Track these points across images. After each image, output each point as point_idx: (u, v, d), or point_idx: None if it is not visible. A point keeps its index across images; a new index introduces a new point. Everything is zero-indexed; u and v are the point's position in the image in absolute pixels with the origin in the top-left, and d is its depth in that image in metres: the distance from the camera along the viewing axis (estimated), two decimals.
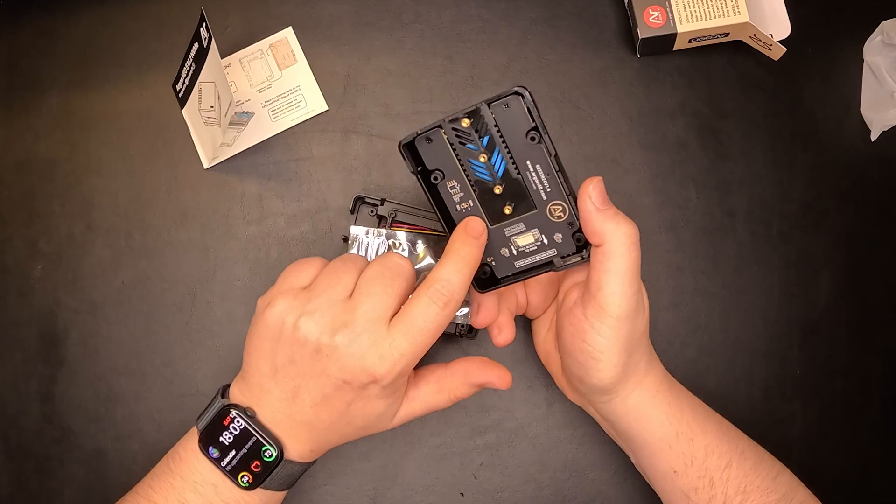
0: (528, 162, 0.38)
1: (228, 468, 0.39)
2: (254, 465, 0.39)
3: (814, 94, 0.53)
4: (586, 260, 0.40)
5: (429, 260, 0.48)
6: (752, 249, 0.52)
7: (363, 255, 0.47)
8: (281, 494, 0.42)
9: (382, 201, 0.48)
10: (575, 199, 0.39)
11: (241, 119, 0.52)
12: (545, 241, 0.40)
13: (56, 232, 0.52)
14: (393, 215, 0.48)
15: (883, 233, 0.52)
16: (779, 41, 0.50)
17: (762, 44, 0.51)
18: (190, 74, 0.48)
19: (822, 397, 0.51)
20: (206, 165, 0.52)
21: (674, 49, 0.53)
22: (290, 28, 0.54)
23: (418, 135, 0.40)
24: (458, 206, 0.41)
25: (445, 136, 0.39)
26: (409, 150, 0.40)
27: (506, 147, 0.38)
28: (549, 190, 0.39)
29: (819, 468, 0.50)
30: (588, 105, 0.53)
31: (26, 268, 0.52)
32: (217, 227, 0.52)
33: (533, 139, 0.38)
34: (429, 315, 0.37)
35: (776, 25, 0.53)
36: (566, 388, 0.46)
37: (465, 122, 0.39)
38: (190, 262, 0.51)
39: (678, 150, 0.53)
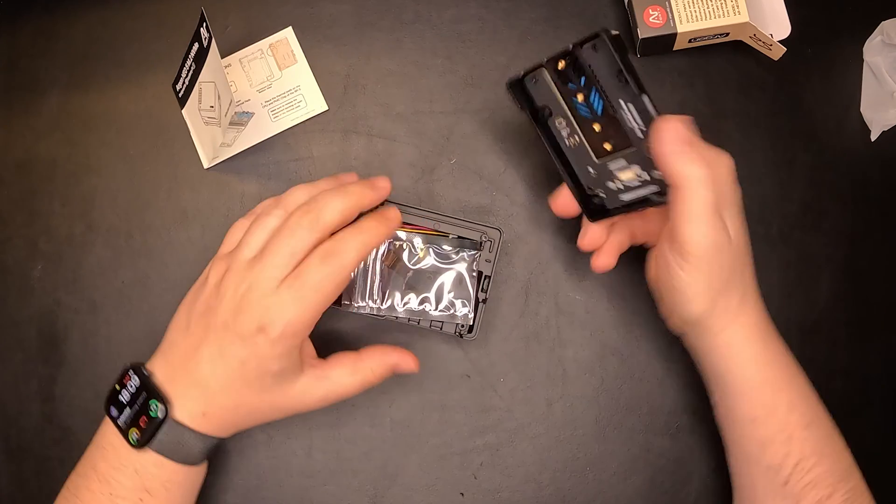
0: (620, 101, 0.40)
1: (121, 424, 0.41)
2: (142, 420, 0.40)
3: (814, 94, 0.53)
4: None
5: (429, 259, 0.48)
6: (752, 249, 0.52)
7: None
8: (189, 474, 0.41)
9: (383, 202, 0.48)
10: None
11: (241, 119, 0.52)
12: (646, 178, 0.41)
13: (56, 232, 0.52)
14: None
15: (883, 233, 0.52)
16: (779, 41, 0.50)
17: (762, 44, 0.51)
18: (190, 74, 0.48)
19: (822, 397, 0.51)
20: (206, 165, 0.52)
21: (674, 49, 0.53)
22: (290, 28, 0.54)
23: (525, 74, 0.42)
24: (567, 141, 0.43)
25: (548, 76, 0.42)
26: (517, 90, 0.43)
27: (600, 86, 0.40)
28: (643, 128, 0.40)
29: None
30: None
31: (26, 268, 0.52)
32: (217, 227, 0.52)
33: (620, 80, 0.39)
34: (316, 277, 0.39)
35: (776, 25, 0.53)
36: (666, 316, 0.46)
37: (562, 63, 0.41)
38: (190, 262, 0.51)
39: None
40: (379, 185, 0.43)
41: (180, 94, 0.50)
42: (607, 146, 0.42)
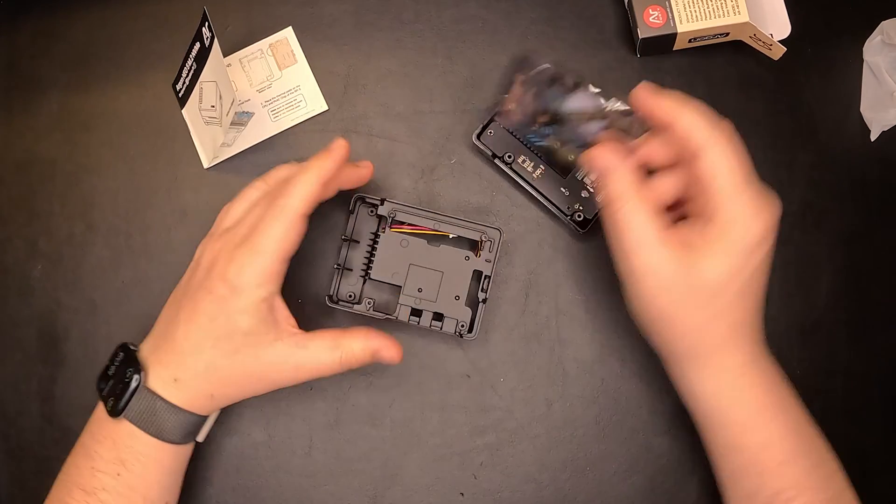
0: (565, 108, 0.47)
1: (103, 393, 0.42)
2: (119, 388, 0.41)
3: (814, 94, 0.53)
4: None
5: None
6: None
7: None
8: (165, 451, 0.42)
9: (382, 201, 0.48)
10: (604, 118, 0.45)
11: (241, 119, 0.52)
12: None
13: (56, 232, 0.52)
14: (393, 215, 0.48)
15: (883, 233, 0.52)
16: (779, 41, 0.50)
17: (762, 44, 0.51)
18: (191, 74, 0.48)
19: (823, 397, 0.51)
20: (206, 165, 0.52)
21: (674, 49, 0.53)
22: (290, 28, 0.54)
23: (481, 131, 0.50)
24: (534, 176, 0.50)
25: (501, 124, 0.50)
26: (483, 143, 0.50)
27: (546, 109, 0.47)
28: (592, 116, 0.46)
29: None
30: None
31: (26, 268, 0.52)
32: None
33: (560, 89, 0.46)
34: (266, 224, 0.40)
35: (776, 25, 0.53)
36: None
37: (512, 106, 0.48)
38: (190, 262, 0.51)
39: None
40: (332, 149, 0.43)
41: (180, 94, 0.50)
42: (570, 157, 0.49)
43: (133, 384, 0.41)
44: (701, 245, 0.39)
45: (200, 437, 0.45)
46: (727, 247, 0.39)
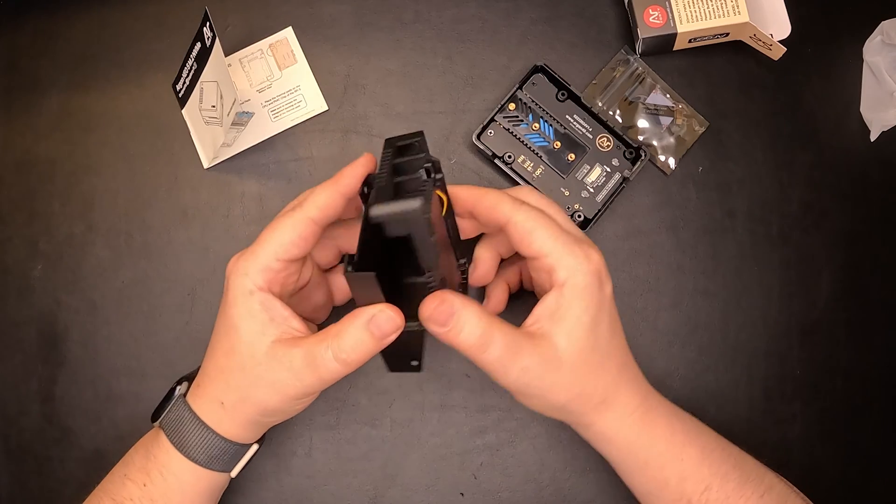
0: (566, 116, 0.51)
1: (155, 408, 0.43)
2: (167, 396, 0.43)
3: (814, 94, 0.53)
4: (644, 162, 0.50)
5: None
6: (752, 249, 0.52)
7: None
8: (188, 469, 0.41)
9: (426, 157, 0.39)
10: (610, 129, 0.51)
11: (241, 119, 0.52)
12: (608, 169, 0.50)
13: (56, 232, 0.52)
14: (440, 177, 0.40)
15: (883, 233, 0.52)
16: (779, 41, 0.50)
17: (762, 44, 0.51)
18: (191, 74, 0.48)
19: (823, 397, 0.51)
20: (206, 165, 0.52)
21: (674, 49, 0.53)
22: (290, 28, 0.54)
23: (481, 131, 0.50)
24: (534, 175, 0.50)
25: (501, 125, 0.51)
26: (482, 143, 0.50)
27: (546, 112, 0.51)
28: (590, 129, 0.51)
29: (819, 468, 0.50)
30: None
31: (26, 268, 0.52)
32: (217, 227, 0.52)
33: (560, 99, 0.51)
34: (273, 223, 0.40)
35: (776, 25, 0.53)
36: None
37: (512, 106, 0.51)
38: (190, 262, 0.51)
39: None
40: (356, 162, 0.40)
41: (180, 94, 0.50)
42: (569, 159, 0.50)
43: (176, 392, 0.42)
44: (560, 309, 0.39)
45: (234, 472, 0.44)
46: (578, 292, 0.39)
